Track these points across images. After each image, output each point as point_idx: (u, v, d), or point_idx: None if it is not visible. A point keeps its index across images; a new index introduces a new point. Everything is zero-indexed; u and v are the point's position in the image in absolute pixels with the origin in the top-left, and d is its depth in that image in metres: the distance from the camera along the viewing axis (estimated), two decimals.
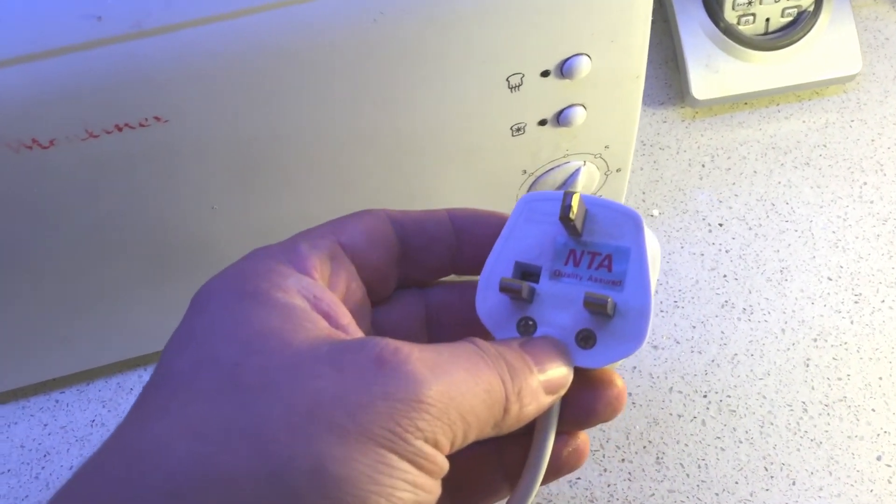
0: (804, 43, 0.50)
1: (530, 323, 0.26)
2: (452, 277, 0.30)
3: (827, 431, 0.41)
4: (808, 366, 0.43)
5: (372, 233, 0.27)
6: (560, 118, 0.37)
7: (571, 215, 0.25)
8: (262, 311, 0.23)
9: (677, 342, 0.44)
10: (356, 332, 0.25)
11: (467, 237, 0.28)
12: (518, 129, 0.37)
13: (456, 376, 0.22)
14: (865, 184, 0.49)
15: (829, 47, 0.50)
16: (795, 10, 0.50)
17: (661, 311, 0.45)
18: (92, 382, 0.44)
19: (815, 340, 0.44)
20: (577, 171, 0.41)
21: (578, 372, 0.26)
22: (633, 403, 0.43)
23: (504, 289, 0.26)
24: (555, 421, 0.26)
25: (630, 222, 0.26)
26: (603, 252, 0.26)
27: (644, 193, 0.49)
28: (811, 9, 0.50)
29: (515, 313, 0.27)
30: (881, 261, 0.46)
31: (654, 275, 0.27)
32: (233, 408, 0.21)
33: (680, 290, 0.46)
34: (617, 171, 0.42)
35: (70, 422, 0.43)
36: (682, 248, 0.47)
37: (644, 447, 0.41)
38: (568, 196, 0.25)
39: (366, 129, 0.35)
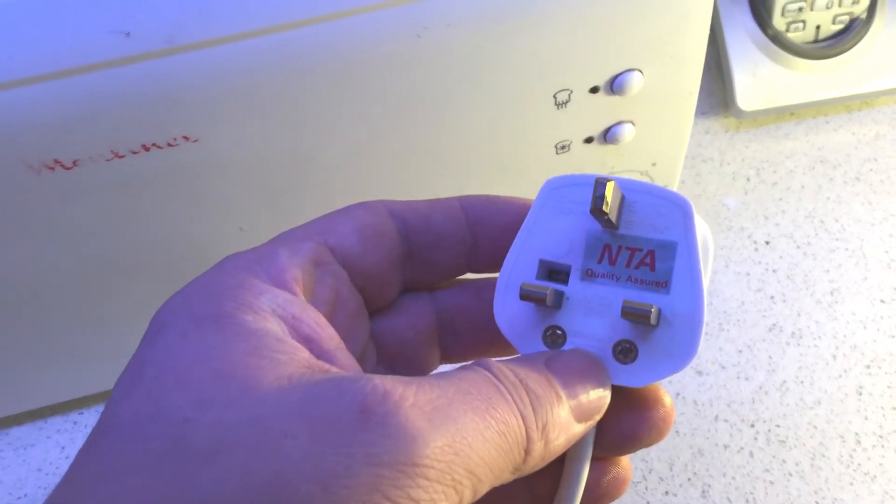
0: (855, 52, 0.48)
1: (559, 333, 0.23)
2: (468, 276, 0.26)
3: (881, 465, 0.39)
4: (860, 394, 0.41)
5: (367, 231, 0.23)
6: (608, 135, 0.35)
7: (605, 207, 0.21)
8: (225, 343, 0.19)
9: (723, 367, 0.42)
10: (345, 360, 0.21)
11: (483, 230, 0.24)
12: (563, 147, 0.35)
13: (463, 422, 0.18)
14: None
15: (882, 57, 0.48)
16: (847, 18, 0.47)
17: (706, 335, 0.43)
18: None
19: (868, 367, 0.42)
20: None
21: (617, 390, 0.22)
22: (677, 432, 0.41)
23: (525, 296, 0.22)
24: (590, 449, 0.22)
25: (678, 211, 0.22)
26: (645, 248, 0.22)
27: None
28: (864, 16, 0.47)
29: (541, 322, 0.23)
30: None
31: (706, 274, 0.23)
32: (177, 482, 0.17)
33: (725, 312, 0.44)
34: None
35: None
36: (726, 266, 0.45)
37: (689, 479, 0.40)
38: (601, 185, 0.21)
39: (404, 146, 0.33)
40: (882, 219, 0.46)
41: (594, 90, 0.33)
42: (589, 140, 0.36)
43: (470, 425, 0.18)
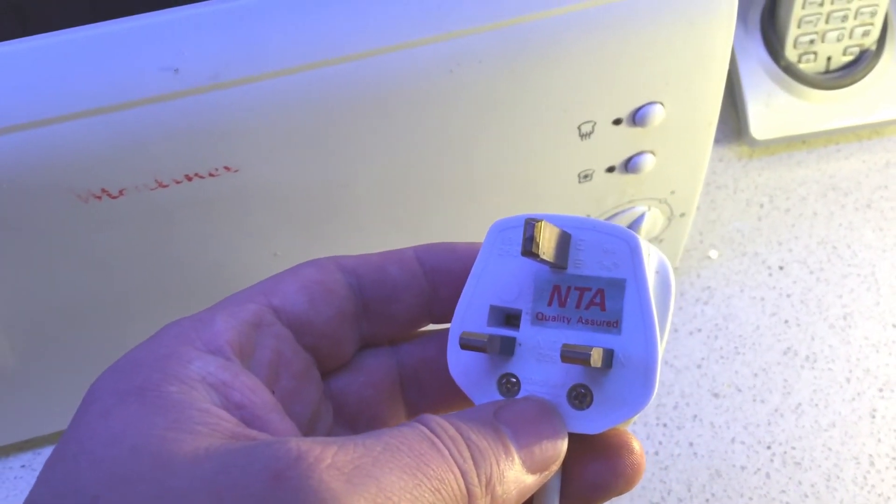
0: (866, 82, 0.49)
1: (513, 381, 0.21)
2: (431, 327, 0.25)
3: (895, 486, 0.40)
4: (874, 417, 0.42)
5: (314, 288, 0.22)
6: (629, 165, 0.37)
7: (535, 248, 0.20)
8: (144, 418, 0.18)
9: (739, 390, 0.43)
10: (280, 425, 0.20)
11: (441, 278, 0.23)
12: (586, 176, 0.37)
13: (388, 480, 0.17)
14: None
15: (891, 87, 0.49)
16: (858, 49, 0.49)
17: (722, 358, 0.44)
18: None
19: (881, 390, 0.43)
20: (642, 216, 0.40)
21: (582, 437, 0.21)
22: (695, 454, 0.42)
23: (465, 345, 0.21)
24: (555, 500, 0.21)
25: (625, 247, 0.21)
26: (594, 287, 0.21)
27: (701, 234, 0.48)
28: (874, 48, 0.49)
29: (495, 370, 0.22)
30: None
31: (662, 310, 0.22)
32: None
33: (741, 336, 0.45)
34: (681, 215, 0.41)
35: None
36: (741, 291, 0.46)
37: (706, 500, 0.40)
38: (529, 226, 0.20)
39: (434, 176, 0.34)
40: (893, 245, 0.47)
41: (617, 122, 0.34)
42: (611, 169, 0.37)
43: (397, 484, 0.17)
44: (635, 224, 0.40)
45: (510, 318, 0.22)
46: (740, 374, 0.44)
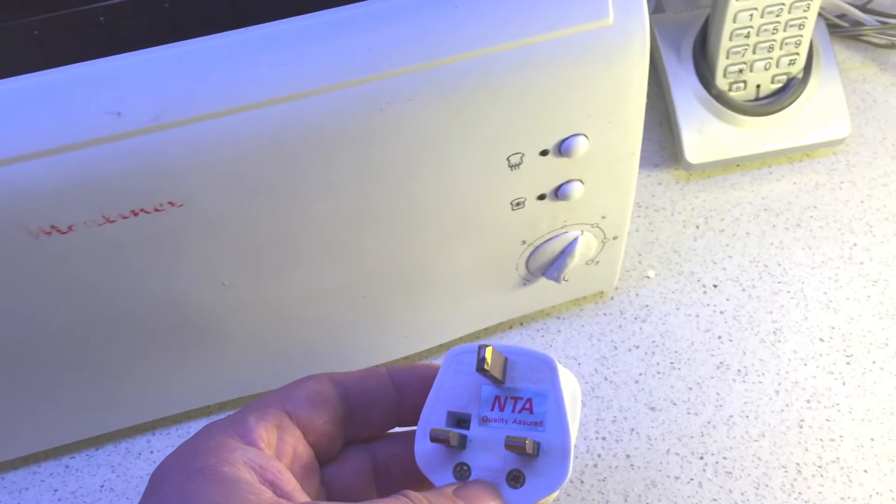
0: (794, 108, 0.51)
1: (465, 468, 0.29)
2: (397, 430, 0.32)
3: (820, 493, 0.42)
4: (801, 427, 0.44)
5: (315, 398, 0.30)
6: (558, 193, 0.39)
7: (486, 366, 0.28)
8: (208, 488, 0.25)
9: (674, 404, 0.45)
10: (301, 497, 0.27)
11: (407, 391, 0.31)
12: (518, 204, 0.39)
13: None
14: (855, 245, 0.50)
15: (819, 112, 0.52)
16: (785, 77, 0.51)
17: (659, 373, 0.46)
18: (101, 447, 0.45)
19: (809, 402, 0.45)
20: (575, 240, 0.42)
21: None
22: (632, 465, 0.44)
23: (434, 439, 0.28)
24: None
25: (546, 367, 0.29)
26: (524, 396, 0.29)
27: (640, 255, 0.51)
28: (800, 76, 0.51)
29: (451, 460, 0.29)
30: (872, 321, 0.47)
31: (573, 413, 0.29)
32: None
33: (676, 352, 0.47)
34: (614, 238, 0.43)
35: (80, 487, 0.44)
36: (677, 309, 0.48)
37: None
38: (482, 349, 0.28)
39: (371, 209, 0.36)
40: (821, 262, 0.50)
41: (544, 153, 0.36)
42: (542, 197, 0.39)
43: None
44: (569, 248, 0.42)
45: (461, 421, 0.29)
46: (675, 389, 0.46)
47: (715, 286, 0.49)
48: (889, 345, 0.46)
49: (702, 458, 0.44)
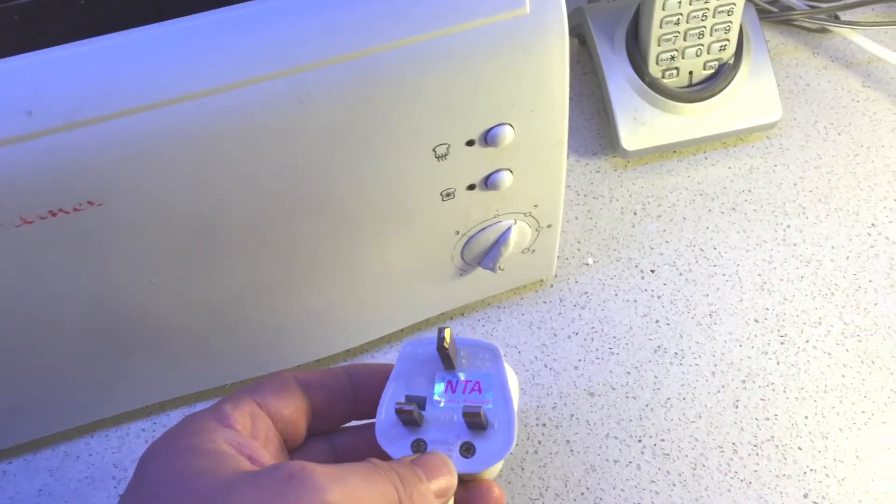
0: (726, 94, 0.52)
1: (422, 443, 0.33)
2: (353, 423, 0.36)
3: (756, 471, 0.43)
4: (737, 407, 0.45)
5: (282, 392, 0.34)
6: (488, 182, 0.39)
7: (445, 345, 0.33)
8: (196, 460, 0.29)
9: (613, 388, 0.46)
10: None
11: (362, 387, 0.35)
12: (448, 195, 0.39)
13: (353, 483, 0.28)
14: (789, 227, 0.51)
15: (750, 97, 0.52)
16: (717, 63, 0.52)
17: (597, 359, 0.47)
18: (39, 451, 0.45)
19: (744, 382, 0.46)
20: (509, 229, 0.42)
21: (465, 480, 0.33)
22: (572, 451, 0.44)
23: (399, 411, 0.32)
24: None
25: (490, 354, 0.34)
26: (473, 379, 0.34)
27: (579, 243, 0.51)
28: (731, 61, 0.52)
29: (409, 437, 0.33)
30: (805, 301, 0.48)
31: (515, 393, 0.34)
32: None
33: (615, 338, 0.47)
34: (548, 226, 0.44)
35: (17, 492, 0.43)
36: (616, 295, 0.49)
37: (582, 494, 0.43)
38: (441, 331, 0.33)
39: (298, 203, 0.36)
40: (756, 245, 0.50)
41: (470, 143, 0.37)
42: (471, 187, 0.39)
43: (359, 486, 0.28)
44: (503, 237, 0.42)
45: (418, 405, 0.33)
46: (614, 374, 0.46)
47: (652, 271, 0.50)
48: (822, 324, 0.47)
49: (640, 440, 0.44)
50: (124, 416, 0.46)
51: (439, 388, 0.34)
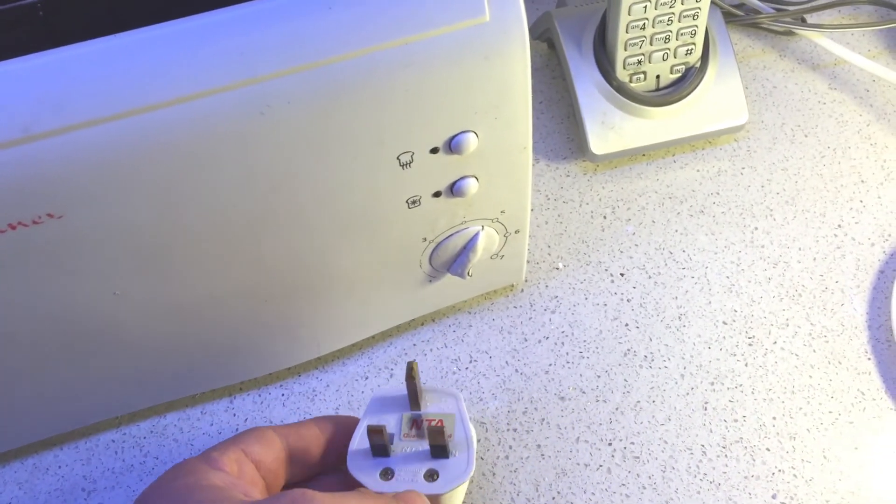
0: (694, 97, 0.52)
1: (389, 471, 0.36)
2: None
3: (725, 473, 0.43)
4: (706, 409, 0.45)
5: (263, 440, 0.37)
6: (454, 189, 0.39)
7: (413, 374, 0.37)
8: (196, 492, 0.31)
9: (583, 392, 0.46)
10: None
11: (334, 439, 0.38)
12: (414, 202, 0.39)
13: None
14: (756, 229, 0.51)
15: (717, 100, 0.53)
16: (683, 67, 0.52)
17: (568, 363, 0.47)
18: (7, 464, 0.44)
19: (713, 384, 0.46)
20: (476, 235, 0.42)
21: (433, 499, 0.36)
22: (542, 455, 0.44)
23: (371, 429, 0.36)
24: None
25: (451, 398, 0.39)
26: (436, 418, 0.38)
27: (549, 247, 0.51)
28: (698, 65, 0.52)
29: (378, 466, 0.36)
30: (772, 303, 0.49)
31: (473, 436, 0.38)
32: None
33: (585, 342, 0.48)
34: (516, 232, 0.44)
35: None
36: (586, 299, 0.49)
37: (553, 498, 0.43)
38: (409, 365, 0.37)
39: (262, 213, 0.36)
40: (724, 247, 0.51)
41: (434, 151, 0.37)
42: (437, 194, 0.39)
43: None
44: (471, 243, 0.42)
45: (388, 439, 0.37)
46: (584, 377, 0.46)
47: (622, 275, 0.50)
48: (789, 325, 0.48)
49: (610, 444, 0.44)
50: (93, 428, 0.46)
51: (406, 423, 0.38)
